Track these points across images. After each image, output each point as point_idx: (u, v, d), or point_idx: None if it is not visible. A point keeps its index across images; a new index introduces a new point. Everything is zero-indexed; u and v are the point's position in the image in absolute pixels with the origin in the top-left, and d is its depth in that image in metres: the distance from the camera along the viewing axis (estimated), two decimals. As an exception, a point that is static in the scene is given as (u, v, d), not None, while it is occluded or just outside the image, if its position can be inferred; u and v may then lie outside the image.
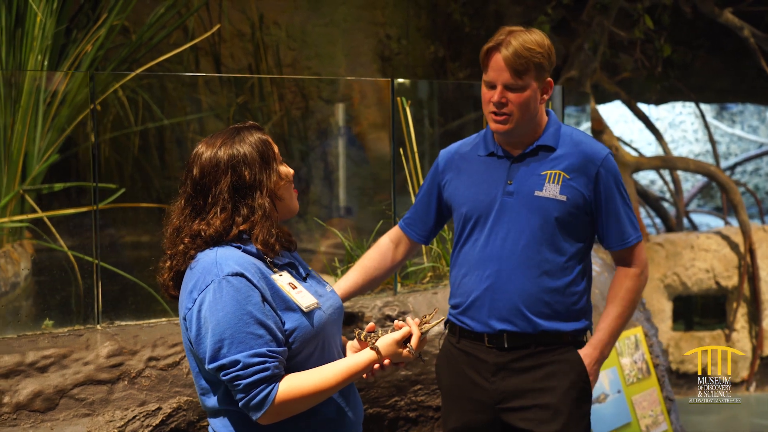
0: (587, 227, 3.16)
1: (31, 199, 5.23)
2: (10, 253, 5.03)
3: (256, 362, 2.37)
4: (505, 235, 3.10)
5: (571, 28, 7.86)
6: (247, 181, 2.51)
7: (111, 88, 5.56)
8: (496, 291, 3.10)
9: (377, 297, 3.89)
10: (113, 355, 3.24)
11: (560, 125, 3.20)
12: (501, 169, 3.15)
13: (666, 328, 7.51)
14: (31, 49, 5.05)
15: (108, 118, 6.60)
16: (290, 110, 7.47)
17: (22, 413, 3.01)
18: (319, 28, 7.78)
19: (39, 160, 5.19)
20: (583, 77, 7.68)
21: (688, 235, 7.71)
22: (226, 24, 7.39)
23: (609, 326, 3.14)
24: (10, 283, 4.87)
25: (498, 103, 3.03)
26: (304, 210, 7.41)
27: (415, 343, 2.59)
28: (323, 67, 7.77)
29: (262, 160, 2.54)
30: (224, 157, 2.51)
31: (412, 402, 3.73)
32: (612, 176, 3.13)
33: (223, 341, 2.37)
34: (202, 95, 7.35)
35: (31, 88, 5.02)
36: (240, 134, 2.56)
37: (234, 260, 2.45)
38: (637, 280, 3.19)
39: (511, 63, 2.98)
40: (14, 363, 3.08)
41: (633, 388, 4.48)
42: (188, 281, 2.49)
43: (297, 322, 2.49)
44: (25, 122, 4.97)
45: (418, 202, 3.40)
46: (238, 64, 7.60)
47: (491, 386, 3.11)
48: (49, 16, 5.10)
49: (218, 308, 2.38)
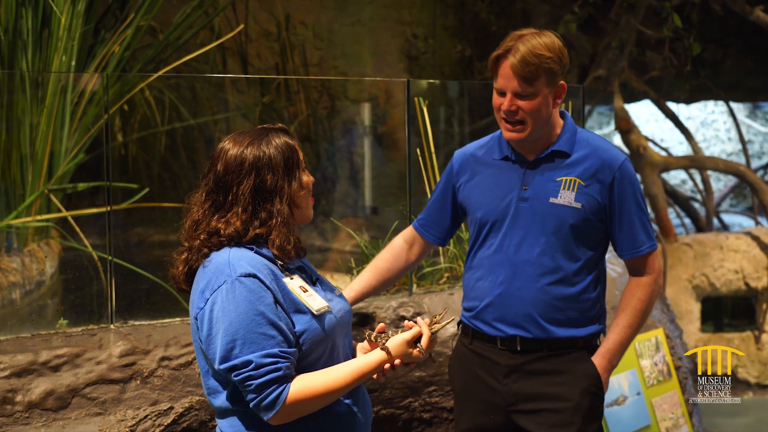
0: (602, 234, 3.12)
1: (58, 199, 5.28)
2: (35, 251, 5.08)
3: (269, 362, 2.37)
4: (520, 242, 3.08)
5: (599, 26, 7.81)
6: (268, 185, 2.52)
7: (136, 88, 5.58)
8: (509, 297, 3.08)
9: (392, 297, 3.88)
10: (126, 354, 3.26)
11: (576, 129, 3.16)
12: (516, 174, 3.12)
13: (694, 330, 7.44)
14: (55, 50, 5.09)
15: (135, 118, 6.64)
16: (316, 110, 7.47)
17: (35, 412, 3.04)
18: (346, 28, 7.78)
19: (65, 160, 5.23)
20: (610, 76, 7.63)
21: (717, 236, 7.63)
22: (253, 24, 7.42)
23: (618, 336, 3.10)
24: (35, 281, 4.91)
25: (508, 111, 3.00)
26: (330, 209, 7.44)
27: (425, 343, 2.59)
28: (350, 66, 7.77)
29: (285, 166, 2.54)
30: (250, 157, 2.52)
31: (426, 403, 3.72)
32: (628, 183, 3.08)
33: (236, 341, 2.37)
34: (229, 95, 7.38)
35: (56, 89, 5.06)
36: (268, 136, 2.57)
37: (247, 261, 2.46)
38: (649, 289, 3.14)
39: (519, 71, 2.94)
40: (27, 362, 3.11)
41: (653, 390, 4.44)
42: (200, 280, 2.50)
43: (307, 325, 2.49)
44: (50, 122, 5.01)
45: (433, 204, 3.38)
46: (265, 63, 7.63)
47: (503, 388, 3.10)
48: (74, 18, 5.14)
49: (231, 308, 2.39)
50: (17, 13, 4.69)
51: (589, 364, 3.09)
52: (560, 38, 3.04)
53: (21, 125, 4.93)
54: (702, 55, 7.96)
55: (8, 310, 4.55)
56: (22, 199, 4.86)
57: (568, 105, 4.76)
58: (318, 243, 6.63)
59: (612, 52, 7.53)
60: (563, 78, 3.05)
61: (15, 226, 4.82)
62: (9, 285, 4.66)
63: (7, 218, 4.79)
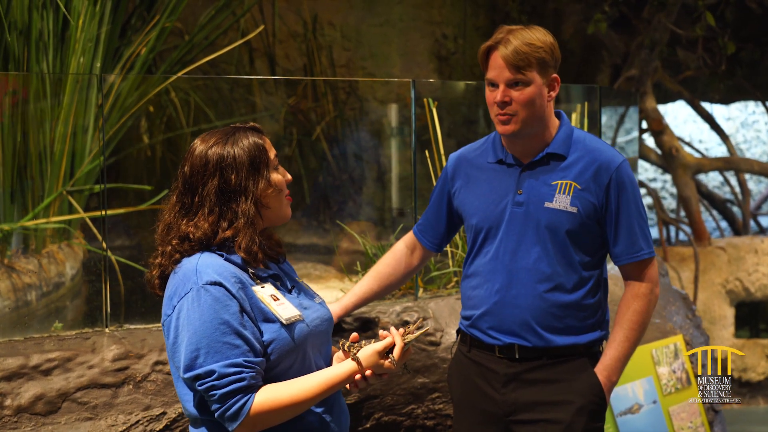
0: (600, 239, 3.03)
1: (81, 201, 5.29)
2: (54, 253, 5.08)
3: (232, 372, 2.33)
4: (515, 248, 3.00)
5: (632, 25, 7.67)
6: (233, 185, 2.48)
7: (155, 89, 5.57)
8: (506, 305, 3.00)
9: (396, 302, 3.81)
10: (119, 358, 3.23)
11: (572, 130, 3.07)
12: (510, 178, 3.04)
13: (728, 335, 7.27)
14: (73, 51, 5.09)
15: (161, 119, 6.64)
16: (343, 111, 7.43)
17: (23, 416, 3.01)
18: (374, 28, 7.72)
19: (87, 162, 5.24)
20: (643, 76, 7.50)
21: (752, 239, 7.45)
22: (281, 25, 7.39)
23: (616, 351, 3.00)
24: (53, 283, 4.92)
25: (501, 102, 2.92)
26: (356, 211, 7.39)
27: (397, 354, 2.51)
28: (378, 67, 7.71)
29: (251, 165, 2.50)
30: (213, 157, 2.48)
31: (429, 410, 3.65)
32: (626, 186, 2.98)
33: (200, 350, 2.33)
34: (257, 96, 7.36)
35: (74, 90, 5.06)
36: (235, 135, 2.52)
37: (213, 269, 2.41)
38: (646, 299, 3.02)
39: (510, 60, 2.87)
40: (17, 366, 3.09)
41: (671, 398, 4.32)
42: (170, 287, 2.46)
43: (275, 334, 2.44)
44: (68, 124, 5.01)
45: (429, 209, 3.31)
46: (294, 64, 7.60)
47: (501, 397, 3.02)
48: (92, 19, 5.14)
49: (195, 317, 2.35)
50: (30, 15, 4.69)
51: (591, 373, 2.99)
52: (551, 34, 2.98)
53: (41, 127, 4.93)
54: (738, 55, 7.79)
55: (23, 311, 4.56)
56: (40, 201, 4.87)
57: (584, 106, 4.65)
58: (345, 245, 6.59)
59: (644, 51, 7.39)
60: (556, 71, 2.98)
61: (30, 227, 4.82)
62: (24, 286, 4.66)
63: (22, 220, 4.79)
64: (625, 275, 3.07)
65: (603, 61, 8.00)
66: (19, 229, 4.78)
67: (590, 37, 7.74)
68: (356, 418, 3.50)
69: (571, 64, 8.10)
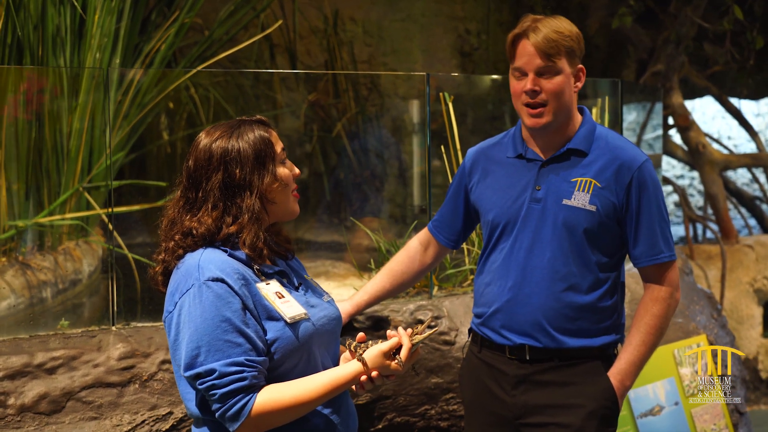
0: (619, 239, 2.94)
1: (100, 197, 5.26)
2: (71, 250, 5.06)
3: (233, 371, 2.27)
4: (530, 245, 2.92)
5: (659, 20, 7.54)
6: (237, 180, 2.42)
7: (172, 85, 5.53)
8: (518, 304, 2.92)
9: (410, 300, 3.74)
10: (125, 357, 3.18)
11: (595, 126, 2.98)
12: (529, 174, 2.96)
13: (756, 335, 7.13)
14: (88, 47, 5.06)
15: (181, 115, 6.61)
16: (365, 107, 7.36)
17: (27, 415, 2.97)
18: (396, 24, 7.65)
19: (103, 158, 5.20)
20: (669, 71, 7.37)
21: (781, 237, 7.32)
22: (302, 20, 7.34)
23: (631, 355, 2.91)
24: (69, 280, 4.89)
25: (531, 91, 2.84)
26: (378, 208, 7.33)
27: (404, 355, 2.44)
28: (399, 63, 7.64)
29: (256, 159, 2.44)
30: (218, 150, 2.42)
31: (443, 411, 3.57)
32: (648, 186, 2.89)
33: (200, 348, 2.27)
34: (278, 93, 7.31)
35: (89, 86, 5.03)
36: (240, 128, 2.47)
37: (216, 265, 2.35)
38: (665, 303, 2.93)
39: (541, 47, 2.79)
40: (21, 364, 3.04)
41: (694, 400, 4.22)
42: (172, 283, 2.41)
43: (279, 333, 2.37)
44: (84, 119, 4.98)
45: (446, 205, 3.23)
46: (315, 60, 7.54)
47: (511, 399, 2.94)
48: (108, 14, 5.11)
49: (196, 314, 2.29)
50: (44, 10, 4.66)
51: (604, 379, 2.90)
52: (575, 25, 2.91)
53: (57, 123, 4.90)
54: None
55: (38, 308, 4.53)
56: (57, 198, 4.84)
57: (605, 101, 4.55)
58: (365, 243, 6.54)
59: (670, 46, 7.27)
60: (580, 62, 2.90)
61: (45, 224, 4.79)
62: (39, 283, 4.63)
63: (37, 216, 4.76)
64: (645, 278, 2.98)
65: (629, 56, 7.88)
66: (35, 225, 4.75)
67: (615, 31, 7.63)
68: (368, 418, 3.43)
69: (596, 60, 7.99)
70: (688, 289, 4.91)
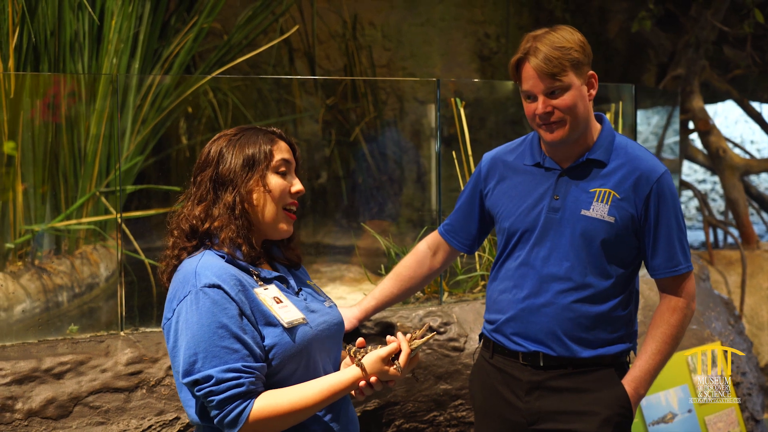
0: (636, 251, 2.92)
1: (118, 201, 5.29)
2: (88, 254, 5.08)
3: (230, 377, 2.27)
4: (548, 255, 2.90)
5: (680, 23, 7.49)
6: (222, 175, 2.45)
7: (188, 90, 5.55)
8: (533, 313, 2.91)
9: (420, 306, 3.73)
10: (133, 362, 3.19)
11: (614, 136, 2.96)
12: (547, 183, 2.94)
13: (777, 342, 7.07)
14: (105, 52, 5.09)
15: (200, 120, 6.63)
16: (383, 111, 7.36)
17: (34, 420, 2.98)
18: (415, 28, 7.64)
19: (122, 162, 5.24)
20: (690, 75, 7.33)
21: (803, 243, 7.25)
22: (322, 25, 7.35)
23: (646, 363, 2.89)
24: (86, 284, 4.92)
25: (543, 114, 2.82)
26: (396, 212, 7.32)
27: (403, 361, 2.43)
28: (418, 67, 7.63)
29: (246, 158, 2.46)
30: (215, 149, 2.48)
31: (452, 417, 3.56)
32: (667, 197, 2.87)
33: (198, 355, 2.28)
34: (297, 97, 7.32)
35: (106, 91, 5.06)
36: (244, 133, 2.51)
37: (212, 271, 2.36)
38: (681, 314, 2.91)
39: (543, 69, 2.76)
40: (30, 369, 3.06)
41: (707, 407, 4.18)
42: (171, 289, 2.43)
43: (277, 338, 2.37)
44: (101, 124, 5.01)
45: (459, 209, 3.21)
46: (334, 65, 7.55)
47: (525, 405, 2.92)
48: (125, 20, 5.14)
49: (193, 320, 2.30)
50: (60, 16, 4.69)
51: (618, 386, 2.88)
52: (578, 31, 2.87)
53: (75, 127, 4.94)
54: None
55: (54, 312, 4.56)
56: (74, 202, 4.87)
57: (618, 107, 4.52)
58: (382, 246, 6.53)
59: (691, 50, 7.22)
60: (590, 68, 2.87)
61: (61, 228, 4.83)
62: (55, 287, 4.66)
63: (53, 221, 4.80)
64: (662, 288, 2.96)
65: (649, 60, 7.83)
66: (51, 230, 4.78)
67: (636, 35, 7.59)
68: (377, 424, 3.42)
69: (617, 64, 7.95)
70: (705, 295, 4.87)
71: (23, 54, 4.57)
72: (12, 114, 4.49)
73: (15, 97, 4.46)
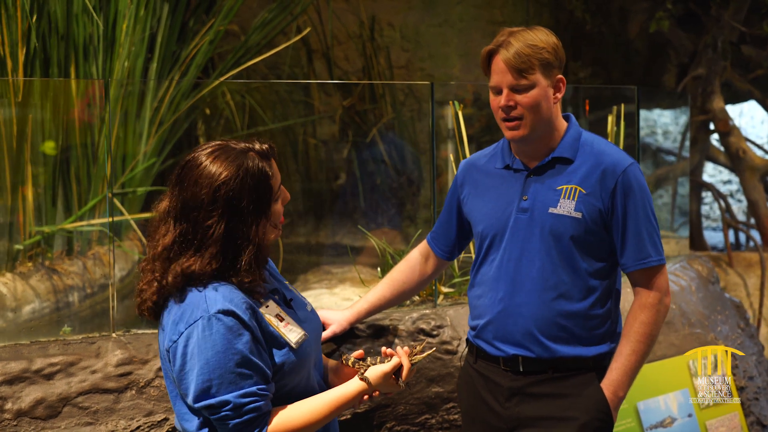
0: (608, 245, 2.92)
1: (134, 203, 5.35)
2: (101, 255, 5.15)
3: (247, 402, 2.32)
4: (519, 255, 2.91)
5: (701, 23, 7.43)
6: (237, 233, 2.42)
7: (200, 93, 5.60)
8: (509, 315, 2.92)
9: (414, 309, 3.74)
10: (123, 363, 3.23)
11: (581, 133, 2.97)
12: (517, 184, 2.96)
13: (793, 345, 6.98)
14: (117, 56, 5.15)
15: (218, 121, 6.68)
16: (401, 112, 7.37)
17: (23, 420, 3.03)
18: (433, 29, 7.64)
19: (134, 164, 5.30)
20: (710, 75, 7.26)
21: (821, 245, 7.15)
22: (340, 26, 7.37)
23: (622, 365, 2.88)
24: (98, 284, 4.97)
25: (506, 107, 2.84)
26: (414, 214, 7.33)
27: (405, 376, 2.53)
28: (437, 68, 7.63)
29: (256, 209, 2.43)
30: (221, 194, 2.39)
31: (444, 420, 3.57)
32: (635, 189, 2.87)
33: (212, 380, 2.31)
34: (316, 99, 7.36)
35: (118, 94, 5.12)
36: (244, 164, 2.40)
37: (224, 296, 2.37)
38: (654, 310, 2.89)
39: (512, 63, 2.78)
40: (20, 369, 3.11)
41: (709, 411, 4.15)
42: (174, 312, 2.40)
43: (285, 357, 2.43)
44: (113, 127, 5.07)
45: (441, 216, 3.25)
46: (353, 65, 7.57)
47: (505, 411, 2.94)
48: (138, 23, 5.19)
49: (207, 347, 2.32)
50: (69, 20, 4.75)
51: (597, 389, 2.88)
52: (554, 34, 2.89)
53: (88, 130, 5.00)
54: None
55: (64, 312, 4.62)
56: (86, 204, 4.93)
57: (620, 108, 4.50)
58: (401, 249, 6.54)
59: (711, 50, 7.16)
60: (561, 72, 2.88)
61: (71, 230, 4.89)
62: (65, 288, 4.72)
63: (63, 222, 4.86)
64: (633, 283, 2.95)
65: (669, 60, 7.77)
66: (61, 231, 4.84)
67: (656, 35, 7.54)
68: (368, 427, 3.44)
69: (637, 64, 7.90)
70: (712, 298, 4.83)
71: (30, 58, 4.62)
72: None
73: (23, 99, 4.52)
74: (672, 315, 4.28)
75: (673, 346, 4.21)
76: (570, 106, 6.38)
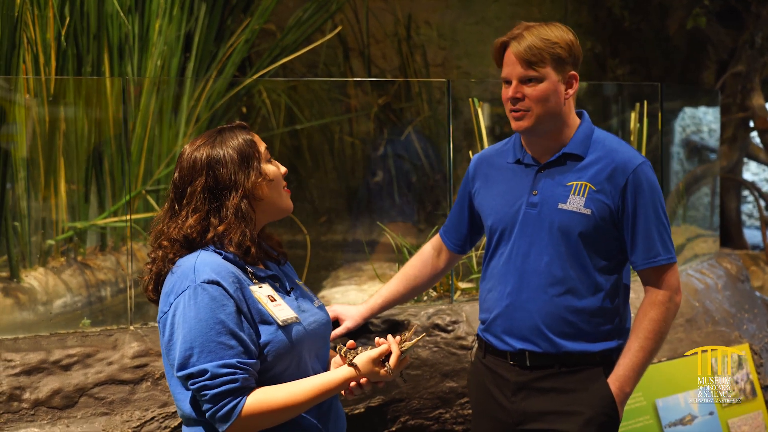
0: (617, 242, 2.92)
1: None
2: (135, 251, 5.23)
3: (225, 373, 2.34)
4: (527, 250, 2.93)
5: (742, 19, 7.34)
6: (222, 181, 2.48)
7: (231, 92, 5.67)
8: (517, 309, 2.94)
9: (430, 304, 3.77)
10: (139, 355, 3.30)
11: (593, 130, 2.98)
12: (527, 179, 2.97)
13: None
14: (149, 55, 5.23)
15: (255, 120, 6.74)
16: (437, 110, 7.38)
17: (41, 409, 3.11)
18: (470, 27, 7.64)
19: (168, 161, 5.38)
20: (750, 72, 7.18)
21: None
22: (378, 25, 7.41)
23: (630, 361, 2.88)
24: (132, 280, 5.06)
25: (513, 98, 2.86)
26: (447, 211, 7.33)
27: (393, 362, 2.51)
28: (473, 66, 7.63)
29: (241, 159, 2.50)
30: (202, 157, 2.49)
31: (458, 415, 3.59)
32: (645, 188, 2.87)
33: (193, 349, 2.34)
34: (353, 98, 7.40)
35: (151, 92, 5.21)
36: (222, 135, 2.53)
37: (211, 267, 2.41)
38: (663, 308, 2.89)
39: (522, 55, 2.81)
40: (38, 360, 3.19)
41: (731, 410, 4.11)
42: (167, 284, 2.47)
43: (272, 336, 2.44)
44: (146, 126, 5.15)
45: (453, 210, 3.27)
46: (390, 64, 7.60)
47: (512, 406, 2.95)
48: (168, 23, 5.27)
49: (191, 315, 2.36)
50: (100, 19, 4.84)
51: (604, 384, 2.89)
52: (572, 32, 2.89)
53: (121, 128, 5.08)
54: None
55: (96, 306, 4.71)
56: (120, 200, 5.02)
57: (643, 105, 4.48)
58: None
59: (747, 46, 7.08)
60: (575, 69, 2.89)
61: (103, 226, 4.98)
62: (98, 282, 4.81)
63: (96, 218, 4.95)
64: (644, 281, 2.96)
65: (708, 57, 7.68)
66: (93, 227, 4.93)
67: (695, 32, 7.46)
68: (382, 421, 3.48)
69: (675, 61, 7.82)
70: (740, 296, 4.79)
71: (62, 56, 4.71)
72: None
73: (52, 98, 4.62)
74: (695, 312, 4.26)
75: (695, 343, 4.19)
76: (613, 104, 6.37)
